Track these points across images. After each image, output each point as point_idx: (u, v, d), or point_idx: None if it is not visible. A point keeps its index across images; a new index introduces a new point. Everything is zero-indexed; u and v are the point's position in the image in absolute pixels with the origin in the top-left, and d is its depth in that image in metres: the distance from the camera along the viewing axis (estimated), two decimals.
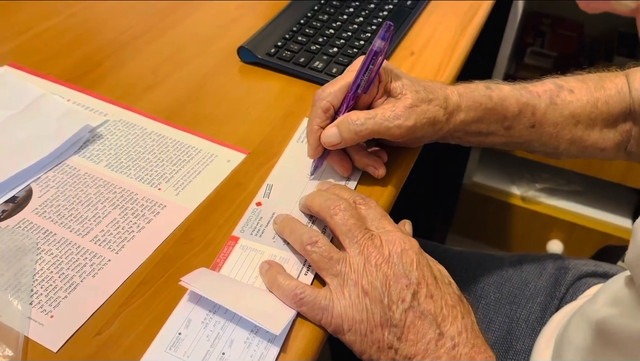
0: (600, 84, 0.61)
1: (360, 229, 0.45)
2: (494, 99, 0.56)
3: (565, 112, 0.59)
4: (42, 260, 0.47)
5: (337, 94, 0.52)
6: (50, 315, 0.43)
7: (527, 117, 0.58)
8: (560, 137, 0.60)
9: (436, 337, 0.42)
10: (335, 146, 0.52)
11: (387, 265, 0.43)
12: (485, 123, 0.57)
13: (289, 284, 0.44)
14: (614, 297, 0.50)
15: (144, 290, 0.45)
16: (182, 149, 0.58)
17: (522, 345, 0.65)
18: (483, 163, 1.48)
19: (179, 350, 0.41)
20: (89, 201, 0.52)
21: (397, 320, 0.42)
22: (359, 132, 0.51)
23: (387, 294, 0.42)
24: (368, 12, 0.79)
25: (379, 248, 0.44)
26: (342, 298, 0.43)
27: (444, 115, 0.53)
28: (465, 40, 0.76)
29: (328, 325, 0.43)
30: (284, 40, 0.72)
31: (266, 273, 0.46)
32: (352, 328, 0.42)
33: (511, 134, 0.59)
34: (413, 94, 0.52)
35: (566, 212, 1.37)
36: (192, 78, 0.68)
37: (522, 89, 0.59)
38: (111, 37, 0.74)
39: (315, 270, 0.46)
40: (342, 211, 0.46)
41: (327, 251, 0.45)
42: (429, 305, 0.42)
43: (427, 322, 0.42)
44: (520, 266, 0.75)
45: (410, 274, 0.43)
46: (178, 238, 0.50)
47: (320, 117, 0.52)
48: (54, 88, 0.65)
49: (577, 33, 1.42)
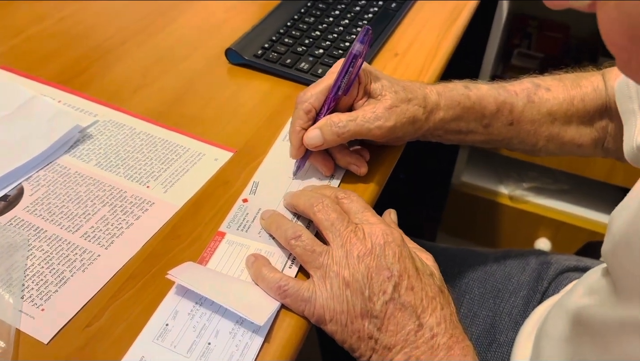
0: (576, 82, 0.63)
1: (343, 222, 0.46)
2: (472, 98, 0.58)
3: (543, 110, 0.61)
4: (33, 256, 0.48)
5: (319, 96, 0.54)
6: (41, 308, 0.44)
7: (505, 115, 0.60)
8: (538, 134, 0.62)
9: (415, 328, 0.43)
10: (318, 147, 0.54)
11: (369, 257, 0.44)
12: (465, 121, 0.59)
13: (273, 277, 0.45)
14: (590, 287, 0.51)
15: (133, 284, 0.46)
16: (171, 148, 0.59)
17: (505, 338, 0.67)
18: (471, 163, 1.50)
19: (166, 340, 0.42)
20: (79, 199, 0.53)
21: (377, 311, 0.43)
22: (340, 134, 0.53)
23: (369, 286, 0.43)
24: (353, 14, 0.81)
25: (361, 240, 0.45)
26: (324, 290, 0.44)
27: (423, 114, 0.55)
28: (448, 42, 0.78)
29: (311, 315, 0.44)
30: (271, 42, 0.73)
31: (252, 265, 0.47)
32: (334, 319, 0.44)
33: (490, 132, 0.61)
34: (392, 94, 0.54)
35: (553, 210, 1.39)
36: (180, 79, 0.70)
37: (500, 88, 0.61)
38: (101, 40, 0.76)
39: (299, 263, 0.48)
40: (325, 207, 0.48)
41: (310, 244, 0.46)
42: (410, 297, 0.44)
43: (407, 313, 0.43)
44: (504, 261, 0.77)
45: (392, 267, 0.44)
46: (166, 234, 0.51)
47: (303, 118, 0.54)
48: (45, 90, 0.66)
49: (563, 35, 1.45)
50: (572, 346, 0.49)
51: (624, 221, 0.43)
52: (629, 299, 0.41)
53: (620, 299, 0.42)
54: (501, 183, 1.46)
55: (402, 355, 0.43)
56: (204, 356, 0.42)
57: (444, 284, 0.47)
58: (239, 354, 0.41)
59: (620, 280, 0.43)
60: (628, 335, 0.39)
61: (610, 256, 0.46)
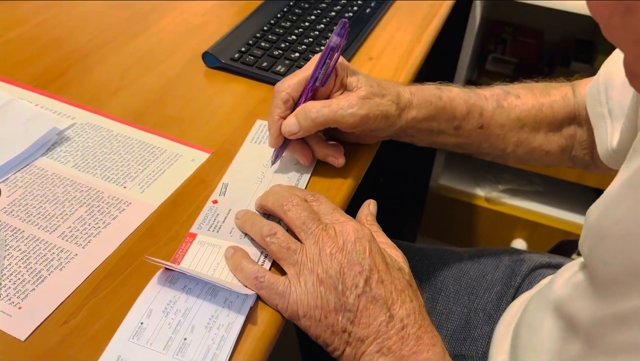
0: (545, 91, 0.65)
1: (314, 221, 0.48)
2: (443, 98, 0.60)
3: (512, 115, 0.63)
4: (11, 256, 0.49)
5: (296, 86, 0.56)
6: (19, 306, 0.45)
7: (475, 117, 0.62)
8: (507, 139, 0.64)
9: (387, 319, 0.44)
10: (294, 135, 0.55)
11: (341, 254, 0.46)
12: (436, 122, 0.60)
13: (251, 268, 0.47)
14: (568, 280, 0.53)
15: (110, 282, 0.47)
16: (148, 150, 0.60)
17: (480, 332, 0.68)
18: (448, 166, 1.52)
19: (141, 339, 0.43)
20: (56, 200, 0.54)
21: (350, 304, 0.44)
22: (315, 120, 0.54)
23: (342, 281, 0.45)
24: (329, 19, 0.83)
25: (333, 238, 0.47)
26: (298, 286, 0.45)
27: (396, 110, 0.57)
28: (421, 46, 0.80)
29: (284, 310, 0.46)
30: (248, 46, 0.74)
31: (231, 257, 0.48)
32: (307, 314, 0.45)
33: (460, 134, 0.62)
34: (367, 87, 0.56)
35: (528, 211, 1.42)
36: (158, 83, 0.70)
37: (471, 91, 0.63)
38: (79, 45, 0.76)
39: (271, 260, 0.49)
40: (295, 206, 0.49)
41: (286, 241, 0.47)
42: (380, 290, 0.45)
43: (378, 306, 0.45)
44: (478, 260, 0.79)
45: (363, 262, 0.45)
46: (142, 233, 0.52)
47: (280, 107, 0.55)
48: (22, 93, 0.67)
49: (537, 40, 1.48)
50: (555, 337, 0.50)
51: (599, 214, 0.44)
52: (606, 291, 0.42)
53: (598, 291, 0.44)
54: (478, 185, 1.48)
55: (375, 345, 0.44)
56: (180, 352, 0.42)
57: (412, 279, 0.49)
58: (216, 347, 0.42)
59: (596, 272, 0.44)
60: (609, 327, 0.40)
61: (586, 249, 0.47)
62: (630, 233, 0.39)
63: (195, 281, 0.47)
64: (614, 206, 0.43)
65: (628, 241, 0.39)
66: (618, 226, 0.41)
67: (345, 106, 0.54)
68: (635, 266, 0.38)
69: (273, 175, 0.58)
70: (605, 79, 0.58)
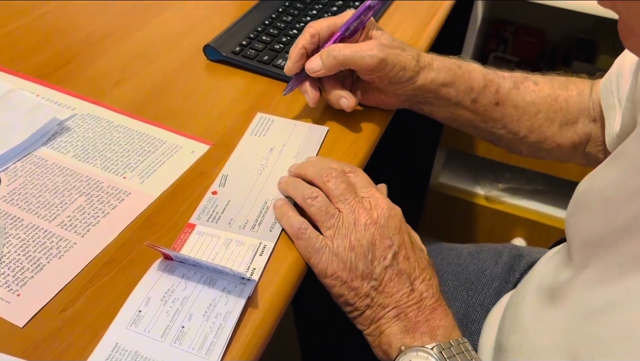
0: (564, 85, 0.66)
1: (351, 193, 0.51)
2: (462, 67, 0.63)
3: (527, 98, 0.64)
4: (10, 243, 0.49)
5: (325, 27, 0.60)
6: (17, 294, 0.45)
7: (491, 93, 0.64)
8: (521, 123, 0.65)
9: (408, 292, 0.49)
10: (317, 72, 0.59)
11: (374, 226, 0.49)
12: (454, 89, 0.62)
13: (298, 219, 0.50)
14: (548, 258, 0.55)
15: (108, 270, 0.47)
16: (148, 141, 0.60)
17: (477, 326, 0.69)
18: (448, 164, 1.52)
19: (139, 326, 0.43)
20: (56, 189, 0.54)
21: (377, 274, 0.49)
22: (337, 57, 0.58)
23: (372, 251, 0.49)
24: (330, 14, 0.83)
25: (368, 210, 0.50)
26: (332, 247, 0.49)
27: (415, 66, 0.60)
28: (421, 45, 0.80)
29: (315, 265, 0.49)
30: (249, 40, 0.74)
31: (279, 206, 0.52)
32: (335, 274, 0.49)
33: (477, 109, 0.64)
34: (389, 39, 0.60)
35: (528, 210, 1.42)
36: (159, 75, 0.71)
37: (490, 68, 0.65)
38: (80, 37, 0.76)
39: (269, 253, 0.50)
40: (334, 178, 0.52)
41: (325, 206, 0.50)
42: (406, 265, 0.49)
43: (402, 279, 0.49)
44: (477, 255, 0.79)
45: (393, 238, 0.49)
46: (142, 222, 0.52)
47: (307, 39, 0.60)
48: (23, 84, 0.67)
49: (539, 39, 1.48)
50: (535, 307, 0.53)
51: (586, 186, 0.48)
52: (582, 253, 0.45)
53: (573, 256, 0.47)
54: (477, 183, 1.48)
55: (394, 311, 0.49)
56: (178, 340, 0.42)
57: (431, 260, 0.53)
58: (213, 335, 0.42)
59: (575, 238, 0.48)
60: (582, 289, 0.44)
61: (569, 218, 0.50)
62: (613, 197, 0.43)
63: (193, 270, 0.47)
64: (600, 176, 0.46)
65: (610, 205, 0.43)
66: (602, 193, 0.44)
67: (365, 49, 0.58)
68: (610, 228, 0.42)
69: (273, 167, 0.58)
70: (617, 71, 0.59)
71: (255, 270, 0.48)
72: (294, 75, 0.62)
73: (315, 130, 0.63)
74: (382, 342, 0.49)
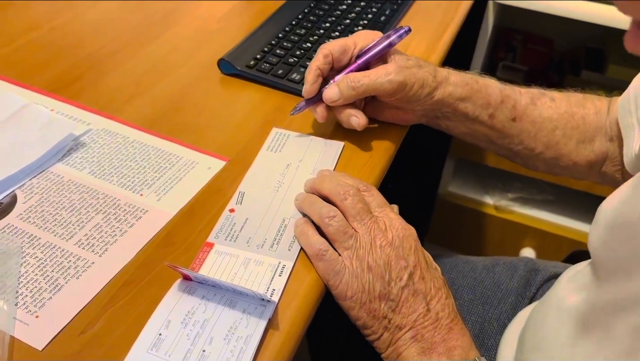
0: (581, 102, 0.65)
1: (367, 213, 0.51)
2: (479, 82, 0.63)
3: (544, 114, 0.64)
4: (27, 263, 0.48)
5: (338, 48, 0.60)
6: (36, 315, 0.44)
7: (508, 108, 0.63)
8: (538, 139, 0.65)
9: (424, 312, 0.49)
10: (335, 102, 0.59)
11: (390, 248, 0.49)
12: (471, 104, 0.62)
13: (317, 239, 0.50)
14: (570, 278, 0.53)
15: (127, 291, 0.47)
16: (164, 157, 0.60)
17: (494, 342, 0.68)
18: (457, 173, 1.51)
19: (160, 350, 0.43)
20: (72, 207, 0.54)
21: (394, 295, 0.49)
22: (356, 88, 0.58)
23: (389, 272, 0.49)
24: (343, 27, 0.82)
25: (383, 231, 0.50)
26: (351, 269, 0.49)
27: (432, 81, 0.60)
28: (435, 57, 0.80)
29: (334, 288, 0.49)
30: (263, 53, 0.74)
31: (301, 225, 0.52)
32: (354, 297, 0.49)
33: (494, 125, 0.64)
34: (405, 60, 0.60)
35: (538, 220, 1.41)
36: (173, 89, 0.70)
37: (506, 84, 0.65)
38: (93, 50, 0.76)
39: (288, 273, 0.49)
40: (351, 197, 0.52)
41: (343, 226, 0.50)
42: (421, 285, 0.49)
43: (418, 299, 0.49)
44: (493, 269, 0.78)
45: (408, 258, 0.50)
46: (160, 241, 0.51)
47: (320, 60, 0.60)
48: (38, 98, 0.66)
49: (547, 48, 1.48)
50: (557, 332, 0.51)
51: (614, 208, 0.44)
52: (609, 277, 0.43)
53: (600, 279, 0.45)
54: (487, 193, 1.48)
55: (411, 332, 0.48)
56: None
57: (445, 276, 0.52)
58: (235, 359, 0.42)
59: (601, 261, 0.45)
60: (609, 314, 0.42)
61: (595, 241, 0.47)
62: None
63: (213, 291, 0.46)
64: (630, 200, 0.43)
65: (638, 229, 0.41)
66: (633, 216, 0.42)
67: (383, 74, 0.58)
68: None
69: (290, 183, 0.58)
70: (635, 90, 0.58)
71: (275, 291, 0.48)
72: None
73: (331, 145, 0.63)
74: None
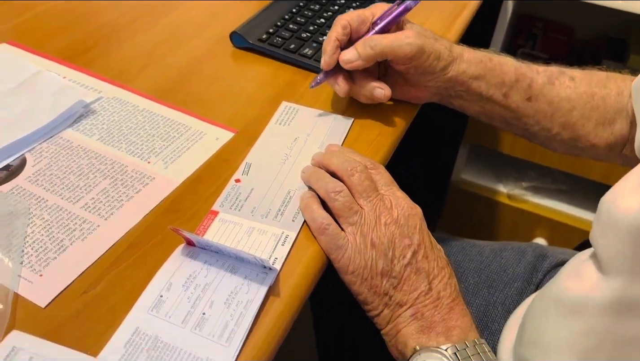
0: (604, 82, 0.63)
1: (374, 191, 0.51)
2: (493, 60, 0.61)
3: (562, 94, 0.62)
4: (34, 224, 0.49)
5: (356, 18, 0.60)
6: (40, 274, 0.45)
7: (523, 87, 0.62)
8: (554, 119, 0.63)
9: (425, 290, 0.49)
10: (352, 63, 0.58)
11: (394, 225, 0.49)
12: (485, 83, 0.61)
13: (321, 213, 0.50)
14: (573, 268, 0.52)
15: (131, 254, 0.47)
16: (173, 126, 0.60)
17: (498, 326, 0.67)
18: (471, 161, 1.50)
19: (160, 311, 0.43)
20: (80, 171, 0.54)
21: (396, 272, 0.48)
22: (374, 47, 0.57)
23: (392, 249, 0.49)
24: (359, 3, 0.82)
25: (389, 209, 0.50)
26: (354, 244, 0.49)
27: (448, 55, 0.59)
28: (452, 33, 0.79)
29: (336, 261, 0.49)
30: (276, 28, 0.74)
31: (307, 199, 0.52)
32: (356, 272, 0.49)
33: (508, 105, 0.62)
34: (422, 29, 0.60)
35: (551, 210, 1.40)
36: (185, 61, 0.70)
37: (523, 62, 0.63)
38: (107, 20, 0.76)
39: (291, 243, 0.49)
40: (359, 173, 0.51)
41: (349, 201, 0.50)
42: (424, 264, 0.49)
43: (420, 277, 0.49)
44: (500, 253, 0.77)
45: (413, 237, 0.50)
46: (165, 208, 0.52)
47: (338, 31, 0.59)
48: (51, 66, 0.67)
49: (568, 37, 1.45)
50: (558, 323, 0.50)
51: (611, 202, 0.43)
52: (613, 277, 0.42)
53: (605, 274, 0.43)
54: (500, 181, 1.46)
55: (411, 310, 0.48)
56: (198, 326, 0.42)
57: (450, 258, 0.52)
58: (234, 323, 0.42)
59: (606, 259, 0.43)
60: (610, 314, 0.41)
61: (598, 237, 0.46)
62: None
63: (216, 257, 0.47)
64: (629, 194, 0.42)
65: None
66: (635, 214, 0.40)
67: (402, 37, 0.58)
68: None
69: (297, 156, 0.58)
70: None
71: (277, 259, 0.48)
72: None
73: (340, 121, 0.62)
74: (398, 341, 0.49)
